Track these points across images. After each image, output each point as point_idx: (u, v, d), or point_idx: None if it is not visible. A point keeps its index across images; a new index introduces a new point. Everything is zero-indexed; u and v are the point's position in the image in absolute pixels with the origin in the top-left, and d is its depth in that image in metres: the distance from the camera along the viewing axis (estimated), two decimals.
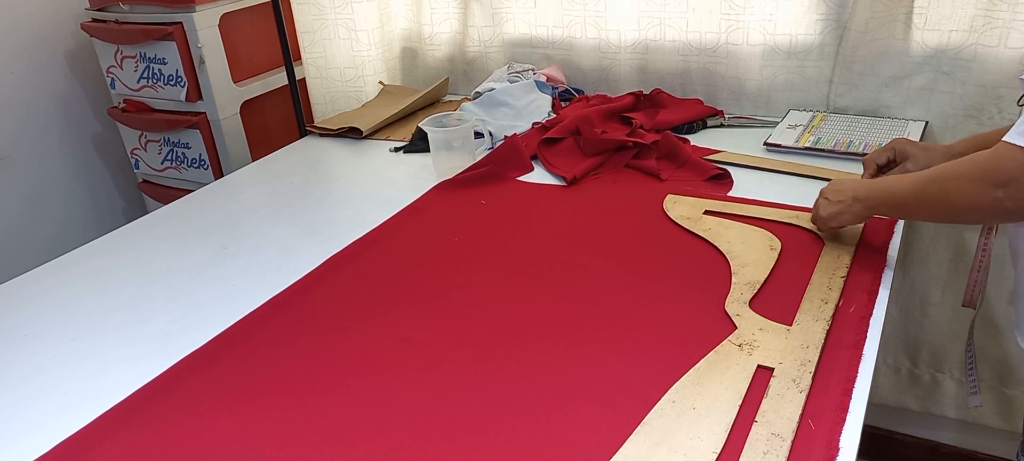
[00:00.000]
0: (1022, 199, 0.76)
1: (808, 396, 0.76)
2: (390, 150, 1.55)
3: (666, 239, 1.10)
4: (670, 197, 1.22)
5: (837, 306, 0.90)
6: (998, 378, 1.52)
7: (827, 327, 0.86)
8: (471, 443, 0.74)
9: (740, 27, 1.51)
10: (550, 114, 1.58)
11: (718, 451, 0.70)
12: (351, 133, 1.65)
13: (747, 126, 1.51)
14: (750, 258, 1.01)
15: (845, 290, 0.93)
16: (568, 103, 1.64)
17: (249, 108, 1.89)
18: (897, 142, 1.09)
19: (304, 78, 1.87)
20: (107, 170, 2.12)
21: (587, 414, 0.76)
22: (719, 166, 1.29)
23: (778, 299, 0.93)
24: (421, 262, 1.09)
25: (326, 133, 1.68)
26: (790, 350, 0.82)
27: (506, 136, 1.47)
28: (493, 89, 1.61)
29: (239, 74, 1.86)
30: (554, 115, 1.57)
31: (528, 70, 1.70)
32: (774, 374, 0.79)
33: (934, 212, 0.89)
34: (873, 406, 1.66)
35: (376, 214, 1.25)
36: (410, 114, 1.73)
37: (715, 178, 1.27)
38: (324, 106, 1.88)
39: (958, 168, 0.83)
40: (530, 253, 1.09)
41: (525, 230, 1.16)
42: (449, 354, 0.88)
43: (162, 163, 1.97)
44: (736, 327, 0.87)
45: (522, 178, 1.36)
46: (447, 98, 1.85)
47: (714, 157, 1.35)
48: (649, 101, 1.56)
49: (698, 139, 1.45)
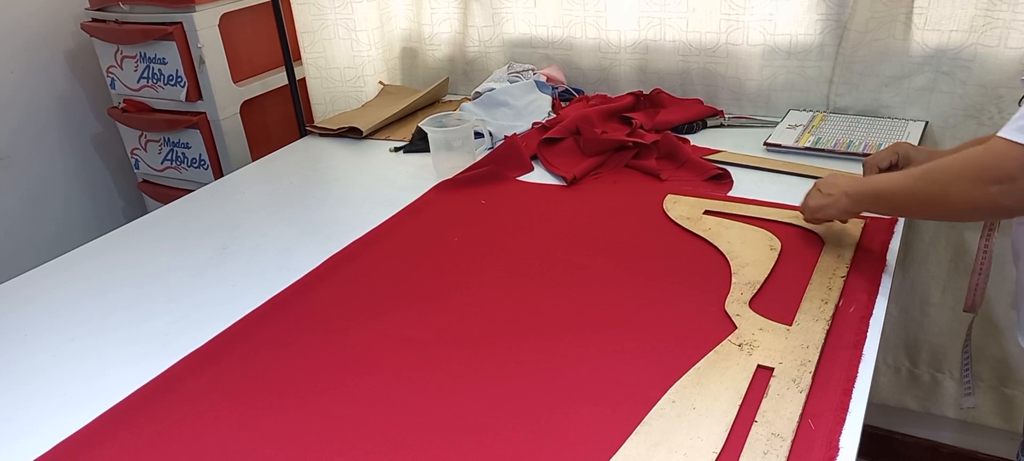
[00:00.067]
0: (1017, 196, 0.75)
1: (808, 396, 0.76)
2: (390, 150, 1.55)
3: (666, 239, 1.10)
4: (670, 197, 1.22)
5: (837, 306, 0.90)
6: (998, 378, 1.52)
7: (827, 327, 0.86)
8: (471, 443, 0.74)
9: (740, 27, 1.51)
10: (550, 114, 1.58)
11: (718, 451, 0.70)
12: (351, 133, 1.65)
13: (747, 126, 1.51)
14: (750, 258, 1.01)
15: (845, 290, 0.93)
16: (568, 103, 1.64)
17: (249, 108, 1.89)
18: (899, 146, 1.08)
19: (304, 78, 1.87)
20: (107, 170, 2.12)
21: (587, 414, 0.76)
22: (719, 166, 1.29)
23: (778, 299, 0.93)
24: (421, 262, 1.09)
25: (326, 133, 1.68)
26: (790, 350, 0.82)
27: (506, 136, 1.47)
28: (493, 89, 1.61)
29: (239, 74, 1.86)
30: (554, 115, 1.57)
31: (528, 70, 1.70)
32: (774, 374, 0.79)
33: (926, 209, 0.88)
34: (873, 406, 1.66)
35: (376, 214, 1.25)
36: (410, 114, 1.73)
37: (715, 178, 1.27)
38: (324, 106, 1.88)
39: (952, 164, 0.81)
40: (530, 253, 1.09)
41: (525, 230, 1.16)
42: (449, 354, 0.88)
43: (162, 163, 1.97)
44: (736, 327, 0.87)
45: (522, 178, 1.36)
46: (447, 98, 1.84)
47: (714, 157, 1.35)
48: (649, 101, 1.56)
49: (698, 139, 1.45)
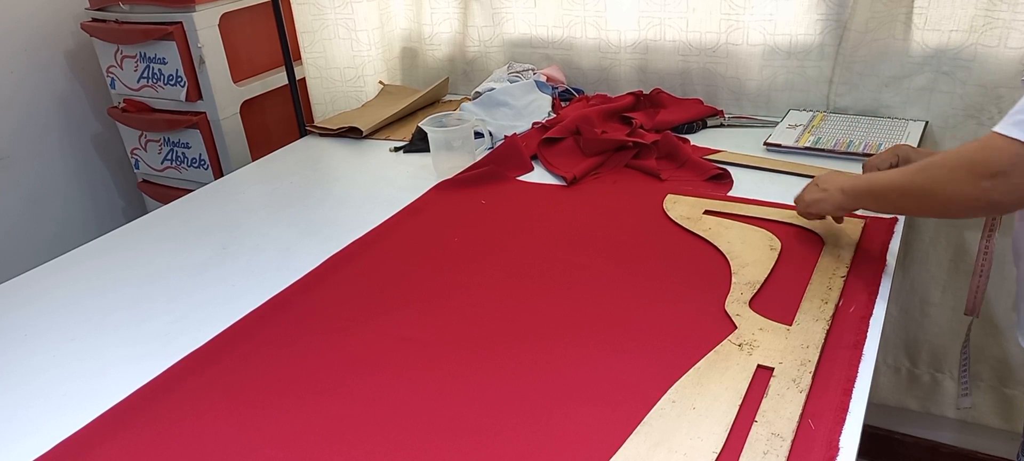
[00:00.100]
0: (1011, 191, 0.74)
1: (808, 396, 0.76)
2: (390, 150, 1.55)
3: (666, 239, 1.10)
4: (670, 197, 1.22)
5: (837, 306, 0.90)
6: (998, 378, 1.51)
7: (827, 327, 0.86)
8: (471, 443, 0.74)
9: (740, 27, 1.51)
10: (550, 114, 1.58)
11: (718, 451, 0.70)
12: (351, 133, 1.65)
13: (747, 126, 1.51)
14: (750, 258, 1.01)
15: (845, 290, 0.93)
16: (568, 103, 1.64)
17: (249, 108, 1.89)
18: (899, 148, 1.08)
19: (304, 78, 1.87)
20: (107, 170, 2.12)
21: (587, 414, 0.76)
22: (719, 166, 1.29)
23: (778, 299, 0.93)
24: (421, 262, 1.09)
25: (326, 133, 1.68)
26: (790, 350, 0.82)
27: (506, 136, 1.47)
28: (493, 89, 1.61)
29: (239, 74, 1.86)
30: (554, 115, 1.57)
31: (528, 70, 1.70)
32: (774, 374, 0.79)
33: (919, 204, 0.87)
34: (873, 406, 1.66)
35: (376, 214, 1.25)
36: (410, 114, 1.73)
37: (715, 178, 1.27)
38: (324, 106, 1.88)
39: (945, 159, 0.81)
40: (530, 253, 1.09)
41: (525, 230, 1.16)
42: (449, 354, 0.88)
43: (162, 163, 1.97)
44: (736, 327, 0.87)
45: (522, 178, 1.36)
46: (447, 98, 1.84)
47: (714, 157, 1.35)
48: (649, 101, 1.56)
49: (698, 139, 1.45)
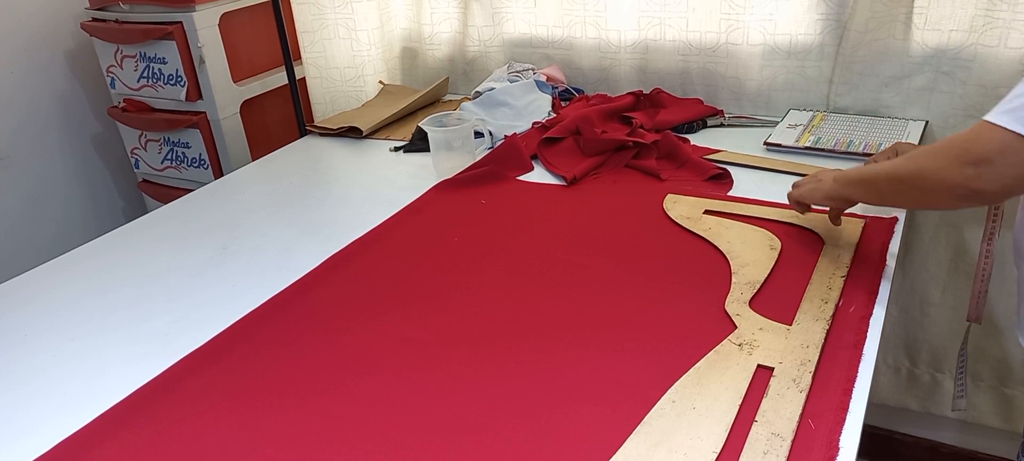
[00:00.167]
0: (993, 180, 0.73)
1: (808, 396, 0.76)
2: (390, 150, 1.55)
3: (666, 239, 1.10)
4: (670, 197, 1.22)
5: (837, 306, 0.90)
6: (998, 378, 1.51)
7: (827, 327, 0.86)
8: (471, 443, 0.74)
9: (740, 27, 1.51)
10: (550, 114, 1.58)
11: (718, 451, 0.70)
12: (351, 133, 1.65)
13: (747, 126, 1.51)
14: (750, 258, 1.01)
15: (845, 290, 0.93)
16: (568, 103, 1.64)
17: (249, 108, 1.89)
18: (899, 146, 1.08)
19: (304, 78, 1.87)
20: (107, 170, 2.12)
21: (587, 414, 0.76)
22: (719, 166, 1.29)
23: (778, 299, 0.93)
24: (421, 262, 1.09)
25: (326, 133, 1.68)
26: (790, 350, 0.82)
27: (506, 136, 1.47)
28: (493, 89, 1.61)
29: (239, 74, 1.86)
30: (554, 115, 1.57)
31: (528, 70, 1.70)
32: (774, 374, 0.79)
33: (906, 191, 0.87)
34: (873, 406, 1.66)
35: (376, 214, 1.25)
36: (410, 114, 1.73)
37: (715, 178, 1.27)
38: (324, 106, 1.88)
39: (933, 146, 0.81)
40: (530, 253, 1.09)
41: (525, 230, 1.16)
42: (449, 354, 0.88)
43: (162, 163, 1.97)
44: (736, 327, 0.87)
45: (522, 178, 1.36)
46: (447, 98, 1.84)
47: (714, 157, 1.35)
48: (649, 101, 1.56)
49: (698, 139, 1.45)
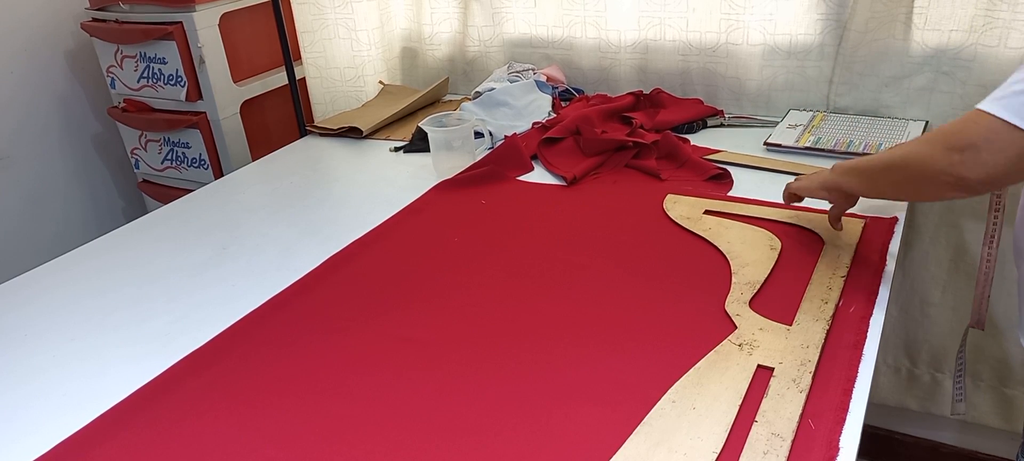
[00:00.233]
0: (979, 166, 0.73)
1: (808, 396, 0.76)
2: (390, 150, 1.55)
3: (666, 239, 1.10)
4: (670, 197, 1.22)
5: (837, 306, 0.90)
6: (998, 378, 1.51)
7: (827, 327, 0.86)
8: (471, 443, 0.74)
9: (740, 27, 1.51)
10: (550, 114, 1.58)
11: (718, 451, 0.70)
12: (351, 133, 1.65)
13: (747, 126, 1.51)
14: (750, 258, 1.01)
15: (845, 290, 0.93)
16: (568, 103, 1.64)
17: (249, 108, 1.89)
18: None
19: (304, 78, 1.87)
20: (107, 170, 2.12)
21: (587, 414, 0.76)
22: (719, 166, 1.29)
23: (778, 299, 0.93)
24: (421, 262, 1.09)
25: (326, 133, 1.68)
26: (790, 350, 0.82)
27: (506, 136, 1.47)
28: (493, 89, 1.61)
29: (239, 74, 1.86)
30: (554, 115, 1.57)
31: (528, 70, 1.70)
32: (774, 374, 0.79)
33: (896, 181, 0.87)
34: (873, 406, 1.66)
35: (376, 214, 1.25)
36: (410, 114, 1.73)
37: (715, 178, 1.27)
38: (324, 106, 1.88)
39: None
40: (530, 253, 1.09)
41: (525, 230, 1.16)
42: (449, 354, 0.88)
43: (162, 163, 1.97)
44: (736, 327, 0.87)
45: (522, 178, 1.36)
46: (447, 98, 1.84)
47: (714, 157, 1.35)
48: (649, 101, 1.56)
49: (698, 139, 1.45)
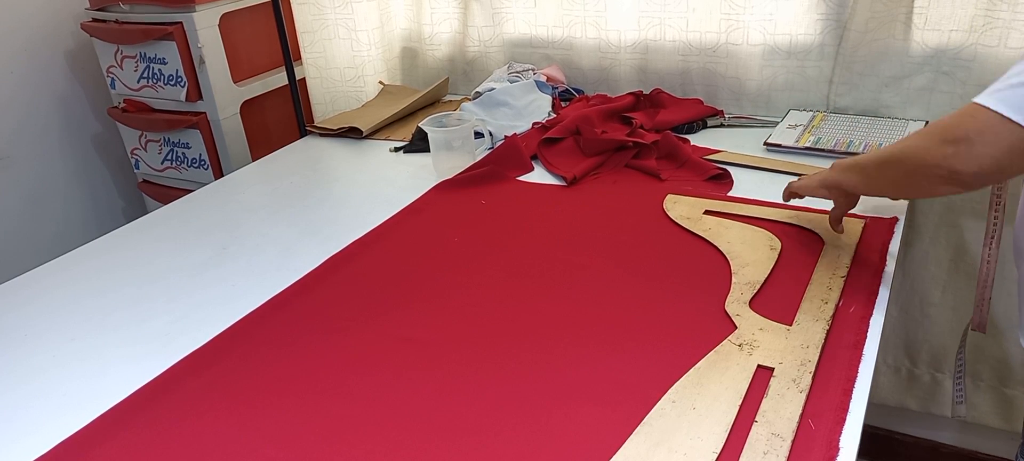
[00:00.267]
0: (972, 159, 0.73)
1: (808, 396, 0.76)
2: (390, 150, 1.55)
3: (666, 239, 1.10)
4: (670, 197, 1.22)
5: (837, 306, 0.90)
6: (998, 378, 1.51)
7: (827, 327, 0.86)
8: (471, 443, 0.74)
9: (740, 27, 1.51)
10: (550, 114, 1.58)
11: (718, 451, 0.70)
12: (351, 133, 1.65)
13: (747, 126, 1.51)
14: (750, 258, 1.01)
15: (845, 290, 0.93)
16: (568, 103, 1.64)
17: (249, 108, 1.89)
18: None
19: (304, 78, 1.87)
20: (107, 170, 2.12)
21: (587, 414, 0.76)
22: (719, 166, 1.29)
23: (778, 299, 0.93)
24: (421, 262, 1.09)
25: (326, 133, 1.68)
26: (790, 350, 0.82)
27: (506, 136, 1.47)
28: (493, 89, 1.61)
29: (239, 74, 1.86)
30: (554, 115, 1.57)
31: (528, 70, 1.70)
32: (774, 374, 0.79)
33: (890, 176, 0.87)
34: (873, 406, 1.66)
35: (376, 214, 1.25)
36: (410, 114, 1.73)
37: (715, 178, 1.27)
38: (324, 106, 1.88)
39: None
40: (530, 253, 1.09)
41: (525, 230, 1.16)
42: (449, 354, 0.88)
43: (162, 163, 1.97)
44: (736, 327, 0.87)
45: (522, 178, 1.36)
46: (447, 98, 1.84)
47: (714, 157, 1.35)
48: (649, 101, 1.56)
49: (698, 139, 1.45)
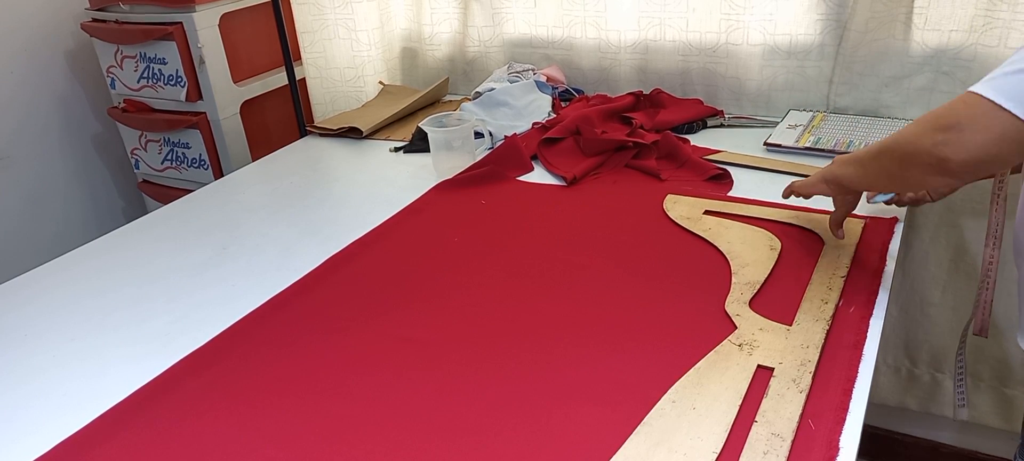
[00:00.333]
0: (961, 147, 0.73)
1: (808, 396, 0.76)
2: (390, 150, 1.55)
3: (666, 239, 1.10)
4: (670, 197, 1.22)
5: (837, 306, 0.90)
6: (998, 378, 1.51)
7: (827, 327, 0.86)
8: (471, 443, 0.74)
9: (740, 27, 1.51)
10: (550, 114, 1.58)
11: (718, 451, 0.70)
12: (351, 133, 1.65)
13: (747, 126, 1.51)
14: (750, 258, 1.01)
15: (845, 290, 0.93)
16: (568, 103, 1.64)
17: (249, 108, 1.89)
18: None
19: (304, 78, 1.87)
20: (107, 170, 2.12)
21: (587, 414, 0.76)
22: (719, 166, 1.29)
23: (778, 299, 0.93)
24: (421, 262, 1.09)
25: (326, 133, 1.68)
26: (790, 350, 0.82)
27: (506, 136, 1.47)
28: (493, 89, 1.61)
29: (239, 74, 1.86)
30: (554, 115, 1.57)
31: (528, 70, 1.70)
32: (774, 374, 0.79)
33: (884, 167, 0.87)
34: (873, 406, 1.66)
35: (376, 214, 1.25)
36: (410, 114, 1.73)
37: (715, 178, 1.27)
38: (324, 106, 1.88)
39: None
40: (530, 253, 1.09)
41: (525, 230, 1.16)
42: (449, 354, 0.88)
43: (162, 163, 1.97)
44: (736, 327, 0.87)
45: (522, 178, 1.36)
46: (447, 98, 1.84)
47: (714, 157, 1.35)
48: (649, 101, 1.56)
49: (698, 139, 1.45)
